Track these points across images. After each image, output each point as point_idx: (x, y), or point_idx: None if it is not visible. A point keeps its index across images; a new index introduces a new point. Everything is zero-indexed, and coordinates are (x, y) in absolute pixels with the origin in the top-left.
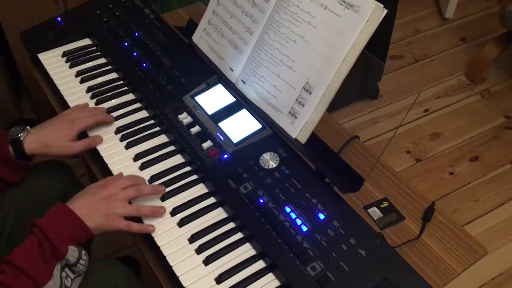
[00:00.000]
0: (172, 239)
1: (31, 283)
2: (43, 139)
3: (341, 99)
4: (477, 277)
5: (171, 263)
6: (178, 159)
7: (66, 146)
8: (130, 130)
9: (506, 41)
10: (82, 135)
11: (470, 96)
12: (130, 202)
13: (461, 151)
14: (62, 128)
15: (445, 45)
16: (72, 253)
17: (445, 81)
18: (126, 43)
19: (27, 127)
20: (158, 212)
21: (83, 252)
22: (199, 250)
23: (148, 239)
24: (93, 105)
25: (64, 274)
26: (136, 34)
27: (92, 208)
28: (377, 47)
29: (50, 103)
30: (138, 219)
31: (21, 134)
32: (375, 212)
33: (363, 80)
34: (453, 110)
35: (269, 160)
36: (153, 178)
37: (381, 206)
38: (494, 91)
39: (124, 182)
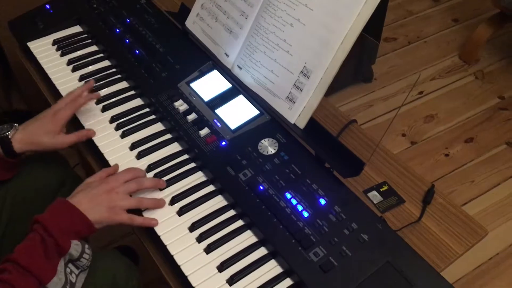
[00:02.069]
0: (172, 228)
1: (35, 280)
2: (30, 136)
3: (336, 83)
4: (475, 257)
5: (172, 253)
6: (175, 147)
7: (55, 141)
8: (126, 118)
9: (498, 21)
10: (77, 125)
11: (464, 78)
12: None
13: (456, 133)
14: (46, 122)
15: (437, 27)
16: (75, 247)
17: (439, 63)
18: (117, 30)
19: (15, 124)
20: (159, 204)
21: (86, 246)
22: (200, 239)
23: (147, 229)
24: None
25: (68, 270)
26: (128, 20)
27: (94, 202)
28: (371, 29)
29: (40, 93)
30: (137, 212)
31: (9, 133)
32: (375, 196)
33: (357, 63)
34: (447, 92)
35: (268, 146)
36: (151, 167)
37: (381, 189)
38: (488, 71)
39: (125, 176)
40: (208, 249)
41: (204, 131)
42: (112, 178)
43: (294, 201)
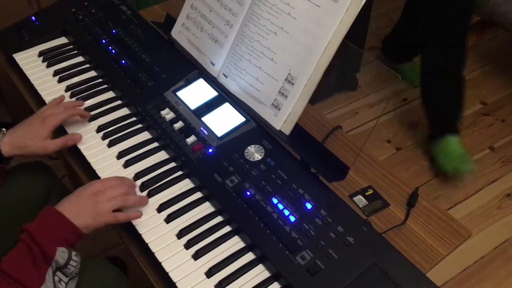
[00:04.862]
0: (160, 235)
1: None
2: (18, 140)
3: (321, 92)
4: (461, 260)
5: (160, 259)
6: (162, 155)
7: (42, 145)
8: (112, 128)
9: (479, 29)
10: (61, 133)
11: None
12: None
13: None
14: (35, 127)
15: None
16: (61, 254)
17: None
18: (103, 41)
19: (3, 129)
20: (144, 201)
21: (74, 253)
22: (188, 245)
23: (135, 237)
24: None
25: (56, 278)
26: (114, 31)
27: (80, 207)
28: (355, 39)
29: (26, 105)
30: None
31: None
32: (360, 200)
33: (342, 72)
34: None
35: (254, 153)
36: (138, 176)
37: (366, 193)
38: (470, 78)
39: (110, 182)
40: (196, 256)
41: (191, 139)
42: (98, 183)
43: (280, 206)
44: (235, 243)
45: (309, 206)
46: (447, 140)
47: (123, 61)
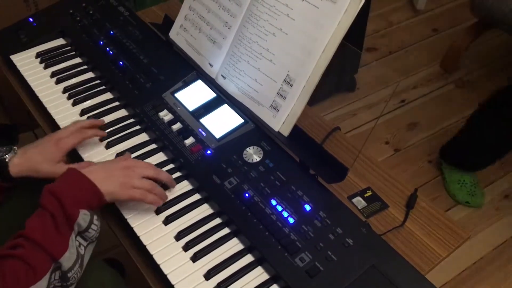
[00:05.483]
0: (158, 238)
1: (47, 256)
2: (29, 162)
3: (319, 93)
4: (459, 262)
5: (158, 262)
6: (160, 157)
7: (54, 170)
8: (110, 129)
9: (477, 30)
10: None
11: (445, 86)
12: None
13: (438, 140)
14: (48, 149)
15: (418, 37)
16: (84, 217)
17: (420, 72)
18: (101, 42)
19: (14, 147)
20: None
21: (95, 217)
22: (186, 247)
23: (133, 239)
24: (71, 106)
25: (77, 243)
26: (111, 32)
27: (108, 174)
28: (353, 40)
29: (24, 107)
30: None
31: (7, 156)
32: (359, 202)
33: (340, 73)
34: (429, 100)
35: (253, 154)
36: None
37: (365, 195)
38: (468, 79)
39: (143, 163)
40: (195, 257)
41: (189, 141)
42: (131, 160)
43: (279, 208)
44: (234, 245)
45: (308, 207)
46: (466, 174)
47: (121, 63)
